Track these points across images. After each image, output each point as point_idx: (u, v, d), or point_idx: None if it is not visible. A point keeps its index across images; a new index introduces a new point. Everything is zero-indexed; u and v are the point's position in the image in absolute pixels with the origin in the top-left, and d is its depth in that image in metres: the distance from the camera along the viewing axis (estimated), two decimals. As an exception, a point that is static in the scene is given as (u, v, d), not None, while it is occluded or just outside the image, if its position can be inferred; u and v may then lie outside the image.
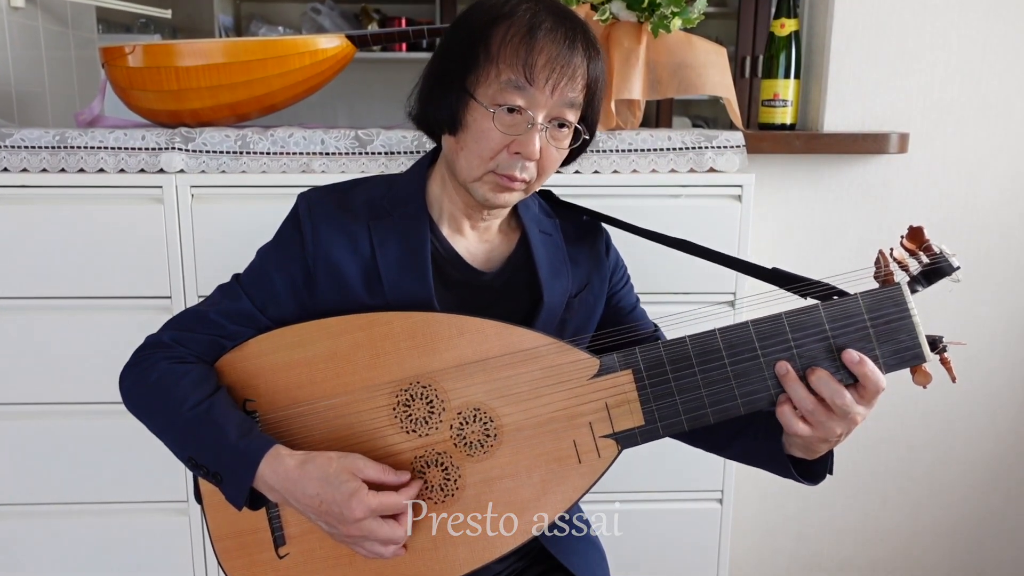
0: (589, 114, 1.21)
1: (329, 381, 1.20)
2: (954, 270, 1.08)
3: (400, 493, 1.13)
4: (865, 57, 2.03)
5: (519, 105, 1.14)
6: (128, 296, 1.76)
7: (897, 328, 1.07)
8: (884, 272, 1.09)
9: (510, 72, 1.12)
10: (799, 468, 1.18)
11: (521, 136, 1.15)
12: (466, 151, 1.18)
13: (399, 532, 1.12)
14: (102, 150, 1.73)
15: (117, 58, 1.77)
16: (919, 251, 1.09)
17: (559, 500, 1.15)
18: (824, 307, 1.08)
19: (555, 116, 1.16)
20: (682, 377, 1.12)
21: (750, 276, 1.26)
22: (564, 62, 1.12)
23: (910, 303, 1.07)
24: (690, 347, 1.11)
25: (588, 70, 1.16)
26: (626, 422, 1.14)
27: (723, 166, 1.80)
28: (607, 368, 1.14)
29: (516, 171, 1.16)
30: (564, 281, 1.30)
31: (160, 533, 1.88)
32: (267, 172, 1.75)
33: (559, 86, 1.13)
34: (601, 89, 1.21)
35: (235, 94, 1.76)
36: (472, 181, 1.19)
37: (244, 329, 1.25)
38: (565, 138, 1.20)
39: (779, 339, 1.09)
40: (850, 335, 1.07)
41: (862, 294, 1.08)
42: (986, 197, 2.11)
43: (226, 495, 1.15)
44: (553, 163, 1.20)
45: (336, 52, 1.82)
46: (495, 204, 1.21)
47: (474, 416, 1.16)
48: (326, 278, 1.23)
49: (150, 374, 1.21)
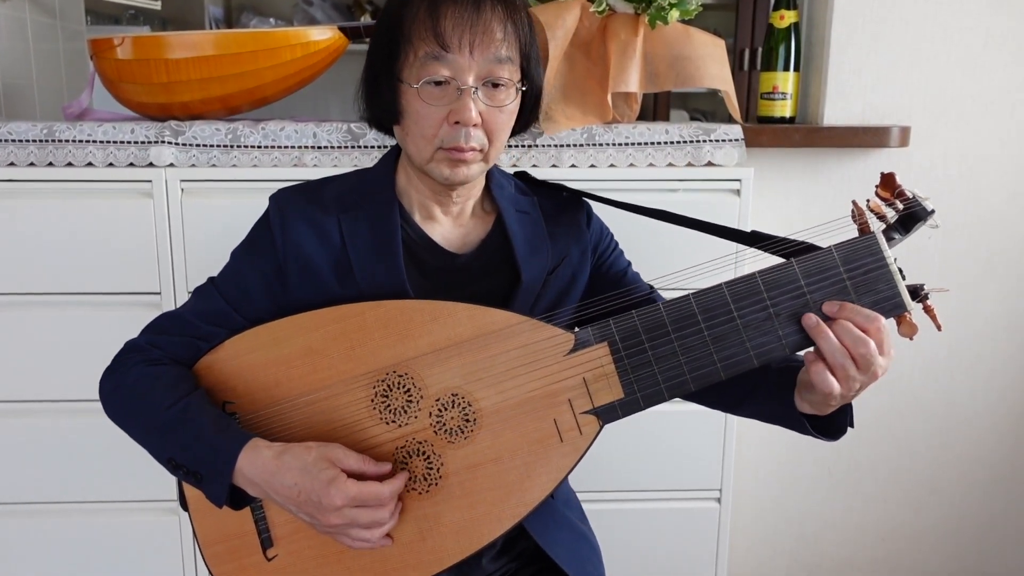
0: (528, 67, 1.22)
1: (306, 377, 1.20)
2: (928, 214, 1.07)
3: (384, 484, 1.13)
4: (866, 49, 2.03)
5: (444, 75, 1.15)
6: (117, 292, 1.77)
7: (875, 278, 1.06)
8: (859, 222, 1.09)
9: (424, 46, 1.15)
10: (815, 425, 1.17)
11: (455, 104, 1.16)
12: (411, 135, 1.21)
13: (381, 514, 1.12)
14: (90, 144, 1.73)
15: (106, 50, 1.77)
16: (893, 199, 1.09)
17: (543, 481, 1.16)
18: (798, 262, 1.08)
19: (486, 76, 1.17)
20: (659, 345, 1.11)
21: (729, 240, 1.26)
22: (473, 20, 1.14)
23: (886, 251, 1.06)
24: (664, 314, 1.11)
25: (506, 21, 1.17)
26: (605, 396, 1.14)
27: (721, 160, 1.81)
28: (582, 342, 1.14)
29: (461, 141, 1.17)
30: (543, 258, 1.31)
31: (149, 533, 1.88)
32: (258, 166, 1.76)
33: (476, 45, 1.14)
34: (530, 37, 1.21)
35: (225, 87, 1.77)
36: (426, 163, 1.21)
37: (218, 329, 1.26)
38: (506, 96, 1.20)
39: (754, 299, 1.09)
40: (827, 289, 1.07)
41: (836, 246, 1.07)
42: (989, 192, 2.11)
43: (207, 494, 1.16)
44: (501, 125, 1.21)
45: (328, 44, 1.83)
46: (456, 180, 1.22)
47: (452, 402, 1.16)
48: (298, 272, 1.25)
49: (126, 378, 1.23)
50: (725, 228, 1.27)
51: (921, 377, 2.20)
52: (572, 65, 1.84)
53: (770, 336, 1.09)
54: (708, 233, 1.28)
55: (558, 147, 1.79)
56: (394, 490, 1.14)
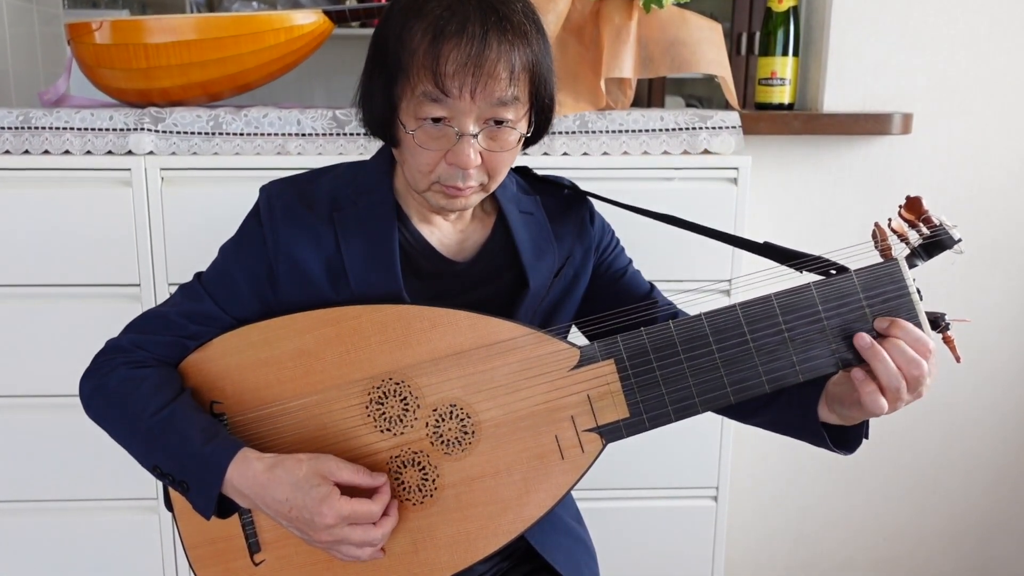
0: (539, 87, 1.17)
1: (298, 380, 1.20)
2: (955, 243, 1.07)
3: (375, 500, 1.12)
4: (867, 33, 2.03)
5: (442, 116, 1.11)
6: (95, 284, 1.78)
7: (896, 307, 1.07)
8: (882, 245, 1.08)
9: (422, 85, 1.10)
10: (831, 436, 1.17)
11: (453, 147, 1.13)
12: (406, 166, 1.19)
13: (374, 534, 1.12)
14: (68, 131, 1.74)
15: (84, 35, 1.78)
16: (918, 222, 1.08)
17: (542, 498, 1.16)
18: (816, 286, 1.08)
19: (488, 118, 1.13)
20: (667, 366, 1.11)
21: (739, 248, 1.26)
22: (476, 63, 1.07)
23: (909, 279, 1.06)
24: (675, 334, 1.11)
25: (513, 59, 1.10)
26: (610, 415, 1.14)
27: (718, 148, 1.82)
28: (588, 358, 1.13)
29: (459, 182, 1.15)
30: (550, 261, 1.30)
31: (128, 532, 1.89)
32: (240, 154, 1.76)
33: (477, 90, 1.09)
34: (543, 62, 1.15)
35: (207, 72, 1.77)
36: (421, 192, 1.20)
37: (207, 329, 1.25)
38: (510, 135, 1.16)
39: (769, 322, 1.09)
40: (845, 315, 1.07)
41: (856, 271, 1.07)
42: (994, 180, 2.12)
43: (194, 505, 1.16)
44: (502, 163, 1.18)
45: (313, 28, 1.83)
46: (452, 209, 1.22)
47: (451, 412, 1.16)
48: (289, 275, 1.23)
49: (109, 381, 1.21)
50: (738, 238, 1.26)
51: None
52: (564, 50, 1.84)
53: (783, 361, 1.09)
54: (721, 241, 1.28)
55: (550, 135, 1.74)
56: (384, 505, 1.13)
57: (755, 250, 1.23)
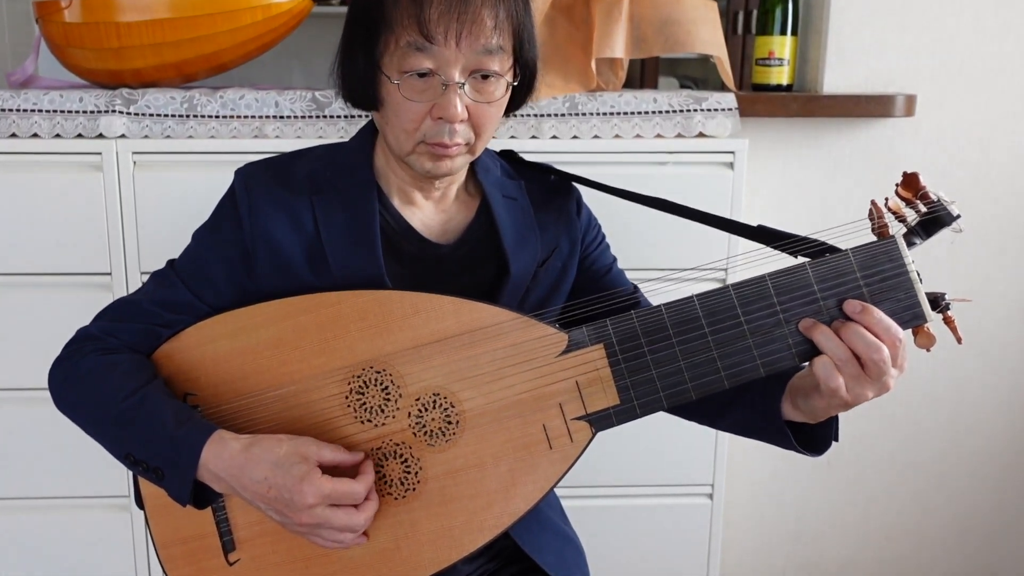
0: (522, 48, 1.20)
1: (275, 370, 1.19)
2: (954, 219, 1.08)
3: (357, 481, 1.12)
4: (869, 11, 2.03)
5: (428, 68, 1.14)
6: (65, 273, 1.78)
7: (894, 286, 1.07)
8: (878, 224, 1.09)
9: (407, 34, 1.13)
10: (799, 438, 1.18)
11: (439, 100, 1.15)
12: (391, 126, 1.20)
13: (357, 519, 1.11)
14: (36, 113, 1.74)
15: (52, 13, 1.78)
16: (915, 200, 1.09)
17: (530, 491, 1.15)
18: (812, 266, 1.09)
19: (474, 69, 1.15)
20: (659, 350, 1.11)
21: (733, 234, 1.27)
22: (460, 8, 1.11)
23: (907, 257, 1.07)
24: (666, 316, 1.11)
25: (498, 6, 1.14)
26: (599, 402, 1.14)
27: (713, 131, 1.83)
28: (576, 343, 1.14)
29: (445, 137, 1.17)
30: (532, 249, 1.31)
31: (98, 531, 1.89)
32: (216, 137, 1.77)
33: (463, 36, 1.12)
34: (526, 21, 1.19)
35: (181, 52, 1.77)
36: (406, 155, 1.21)
37: (181, 318, 1.25)
38: (495, 89, 1.19)
39: (764, 303, 1.09)
40: (842, 295, 1.08)
41: (853, 250, 1.08)
42: (999, 163, 2.13)
43: (169, 492, 1.15)
44: (489, 118, 1.20)
45: (291, 7, 1.83)
46: (438, 174, 1.22)
47: (433, 402, 1.16)
48: (266, 259, 1.24)
49: (79, 368, 1.22)
50: (730, 221, 1.27)
51: (928, 363, 2.20)
52: (553, 29, 1.84)
53: (779, 343, 1.10)
54: (713, 226, 1.29)
55: (538, 117, 1.81)
56: (368, 486, 1.13)
57: (748, 234, 1.24)
